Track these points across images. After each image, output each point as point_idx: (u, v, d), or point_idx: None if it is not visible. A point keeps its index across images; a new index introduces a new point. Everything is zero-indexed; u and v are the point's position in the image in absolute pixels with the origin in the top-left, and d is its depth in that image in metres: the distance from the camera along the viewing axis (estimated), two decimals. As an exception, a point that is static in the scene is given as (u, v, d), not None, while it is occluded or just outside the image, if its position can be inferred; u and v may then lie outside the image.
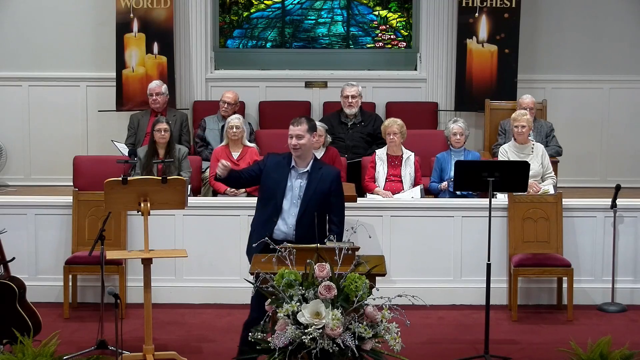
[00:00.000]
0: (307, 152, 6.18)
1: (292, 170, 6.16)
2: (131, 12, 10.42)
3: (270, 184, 6.14)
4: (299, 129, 6.13)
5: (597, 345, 6.39)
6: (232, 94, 9.93)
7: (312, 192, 6.09)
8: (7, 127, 10.87)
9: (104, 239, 6.77)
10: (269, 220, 6.14)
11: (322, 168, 6.21)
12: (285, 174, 6.13)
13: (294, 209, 6.10)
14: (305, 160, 6.15)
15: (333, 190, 6.16)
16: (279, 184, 6.12)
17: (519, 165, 7.22)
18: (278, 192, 6.11)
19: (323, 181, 6.12)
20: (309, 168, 6.16)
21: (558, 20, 10.87)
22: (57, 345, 6.47)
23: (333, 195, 6.17)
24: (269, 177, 6.15)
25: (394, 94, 10.84)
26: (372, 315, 5.68)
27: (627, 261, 8.25)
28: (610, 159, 11.00)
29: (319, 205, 6.10)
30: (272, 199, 6.12)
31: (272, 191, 6.13)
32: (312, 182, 6.11)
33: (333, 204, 6.18)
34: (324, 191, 6.11)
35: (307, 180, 6.12)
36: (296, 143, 6.10)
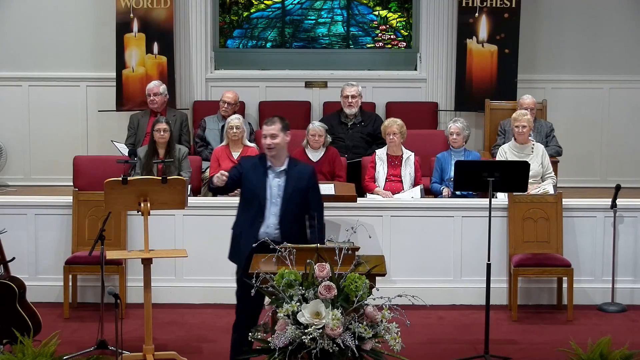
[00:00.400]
0: (282, 151, 6.22)
1: (269, 170, 6.19)
2: (131, 12, 10.42)
3: (250, 186, 6.17)
4: (272, 128, 6.17)
5: (597, 345, 6.39)
6: (232, 93, 9.93)
7: (292, 190, 6.13)
8: (7, 127, 10.87)
9: (104, 239, 6.77)
10: (254, 221, 6.15)
11: (298, 165, 6.28)
12: (263, 175, 6.17)
13: (275, 208, 6.13)
14: (280, 159, 6.20)
15: (310, 187, 6.21)
16: (258, 185, 6.15)
17: (519, 165, 7.22)
18: (260, 193, 6.14)
19: (300, 178, 6.17)
20: (286, 166, 6.21)
21: (558, 20, 10.87)
22: (57, 345, 6.47)
23: (311, 191, 6.21)
24: (248, 180, 6.18)
25: (394, 94, 10.84)
26: (372, 315, 5.68)
27: (627, 261, 8.25)
28: (610, 159, 11.00)
29: (298, 203, 6.14)
30: (254, 200, 6.14)
31: (253, 193, 6.15)
32: (290, 180, 6.15)
33: (311, 200, 6.21)
34: (302, 188, 6.15)
35: (285, 178, 6.17)
36: (270, 142, 6.13)
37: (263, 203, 6.12)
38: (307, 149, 8.97)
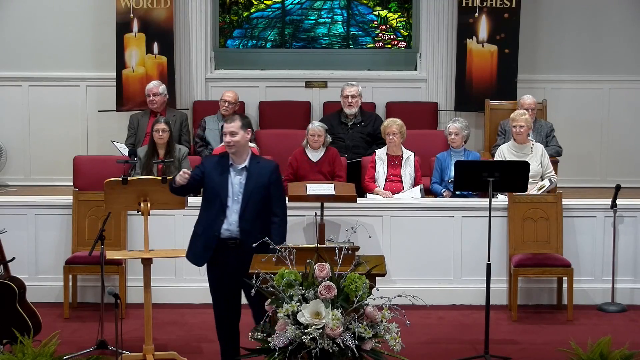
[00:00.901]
0: (243, 148, 6.17)
1: (230, 168, 6.17)
2: (131, 12, 10.42)
3: (212, 184, 6.15)
4: (232, 125, 6.13)
5: (597, 345, 6.39)
6: (232, 93, 9.92)
7: (252, 187, 6.10)
8: (7, 127, 10.88)
9: (104, 239, 6.77)
10: (216, 219, 6.12)
11: (260, 162, 6.24)
12: (225, 173, 6.15)
13: (236, 205, 6.11)
14: (241, 157, 6.17)
15: (272, 182, 6.18)
16: (220, 183, 6.13)
17: (518, 165, 7.22)
18: (221, 191, 6.12)
19: (261, 175, 6.14)
20: (247, 163, 6.17)
21: (558, 20, 10.87)
22: (57, 345, 6.47)
23: (272, 186, 6.18)
24: (210, 178, 6.15)
25: (394, 94, 10.84)
26: (372, 315, 5.68)
27: (627, 261, 8.25)
28: (610, 159, 11.00)
29: (260, 199, 6.12)
30: (216, 199, 6.12)
31: (215, 191, 6.13)
32: (251, 177, 6.13)
33: (273, 196, 6.18)
34: (264, 184, 6.13)
35: (246, 175, 6.14)
36: (230, 140, 6.11)
37: (224, 201, 6.10)
38: (307, 149, 8.97)
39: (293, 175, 8.89)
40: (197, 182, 6.23)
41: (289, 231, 8.06)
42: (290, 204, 7.95)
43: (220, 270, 6.17)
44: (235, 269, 6.08)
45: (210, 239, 6.12)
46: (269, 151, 9.66)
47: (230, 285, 6.16)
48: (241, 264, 6.01)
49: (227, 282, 6.16)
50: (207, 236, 6.14)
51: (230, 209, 6.12)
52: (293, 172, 8.91)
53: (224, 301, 6.23)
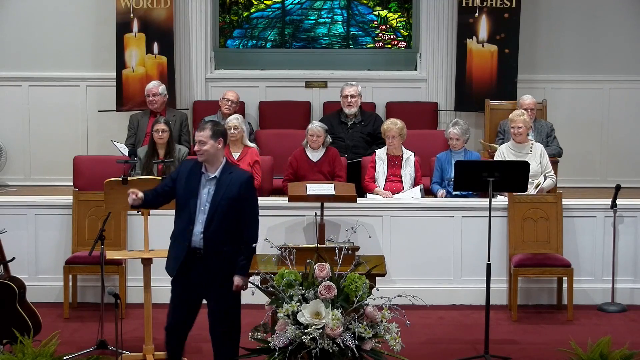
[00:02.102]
0: (213, 157, 5.95)
1: (202, 176, 5.98)
2: (131, 12, 10.42)
3: (182, 192, 5.98)
4: (201, 134, 5.93)
5: (597, 345, 6.39)
6: (234, 92, 9.93)
7: (220, 198, 5.87)
8: (7, 127, 10.88)
9: (104, 239, 6.76)
10: (185, 228, 5.94)
11: (233, 173, 5.98)
12: (197, 181, 5.95)
13: (202, 215, 5.90)
14: (214, 166, 5.95)
15: (242, 194, 5.91)
16: (190, 192, 5.94)
17: (518, 165, 7.22)
18: (190, 201, 5.93)
19: (231, 186, 5.90)
20: (217, 173, 5.94)
21: (558, 20, 10.87)
22: (57, 345, 6.47)
23: (243, 199, 5.92)
24: (181, 186, 5.98)
25: (394, 94, 10.84)
26: (372, 315, 5.68)
27: (627, 261, 8.25)
28: (610, 159, 11.00)
29: (227, 211, 5.88)
30: (186, 208, 5.94)
31: (185, 200, 5.95)
32: (220, 188, 5.90)
33: (243, 207, 5.92)
34: (233, 196, 5.88)
35: (216, 185, 5.92)
36: (199, 149, 5.92)
37: (193, 210, 5.91)
38: (307, 149, 8.97)
39: (293, 175, 8.89)
40: (168, 192, 6.06)
41: (290, 231, 8.13)
42: (290, 204, 7.99)
43: (184, 280, 5.97)
44: (197, 280, 5.92)
45: (181, 249, 5.94)
46: (269, 151, 9.66)
47: (191, 297, 6.00)
48: (203, 277, 5.90)
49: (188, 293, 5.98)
50: (177, 246, 5.97)
51: (197, 219, 5.91)
52: (293, 172, 8.92)
53: (180, 312, 6.04)
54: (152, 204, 6.16)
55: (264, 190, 9.01)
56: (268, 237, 6.55)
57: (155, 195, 6.11)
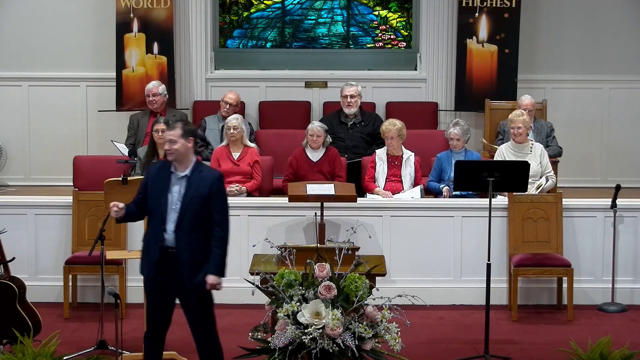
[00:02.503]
0: (184, 156, 5.93)
1: (172, 175, 5.96)
2: (131, 12, 10.42)
3: (153, 193, 5.95)
4: (172, 133, 5.91)
5: (597, 345, 6.39)
6: (234, 94, 9.92)
7: (191, 197, 5.86)
8: (7, 127, 10.88)
9: (104, 239, 6.76)
10: (158, 229, 5.91)
11: (203, 171, 5.98)
12: (167, 181, 5.94)
13: (173, 214, 5.88)
14: (183, 165, 5.94)
15: (213, 193, 5.90)
16: (161, 192, 5.92)
17: (519, 165, 7.22)
18: (161, 201, 5.91)
19: (202, 184, 5.89)
20: (188, 172, 5.93)
21: (558, 20, 10.87)
22: (57, 345, 6.48)
23: (214, 197, 5.91)
24: (152, 187, 5.96)
25: (394, 94, 10.84)
26: (372, 315, 5.68)
27: (627, 261, 8.25)
28: (610, 159, 11.00)
29: (198, 210, 5.87)
30: (157, 209, 5.92)
31: (156, 200, 5.93)
32: (191, 186, 5.89)
33: (214, 206, 5.91)
34: (204, 195, 5.87)
35: (186, 184, 5.91)
36: (169, 148, 5.91)
37: (164, 210, 5.88)
38: (307, 149, 8.97)
39: (293, 175, 8.89)
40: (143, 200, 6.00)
41: (290, 231, 8.13)
42: (290, 204, 7.99)
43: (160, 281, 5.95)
44: (171, 280, 5.91)
45: (155, 250, 5.90)
46: (269, 151, 9.66)
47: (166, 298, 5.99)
48: (176, 276, 5.88)
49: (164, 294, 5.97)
50: (151, 247, 5.94)
51: (168, 218, 5.89)
52: (293, 172, 8.91)
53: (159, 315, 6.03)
54: (136, 216, 6.09)
55: (264, 190, 9.01)
56: (268, 237, 6.55)
57: (136, 206, 6.04)
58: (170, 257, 5.86)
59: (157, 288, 5.96)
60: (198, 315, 5.96)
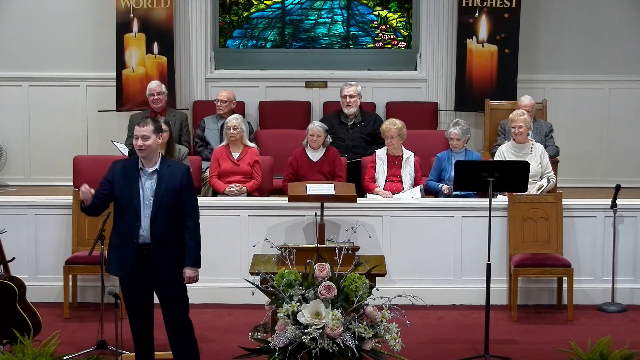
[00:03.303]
0: (153, 152, 6.02)
1: (140, 172, 6.00)
2: (131, 12, 10.42)
3: (122, 192, 5.98)
4: (144, 129, 5.97)
5: (597, 345, 6.39)
6: (227, 92, 9.92)
7: (164, 191, 5.94)
8: (7, 127, 10.88)
9: (104, 239, 6.76)
10: (132, 226, 5.94)
11: (171, 166, 6.08)
12: (135, 178, 5.98)
13: (147, 210, 5.93)
14: (152, 160, 6.00)
15: (184, 185, 6.00)
16: (131, 189, 5.96)
17: (519, 165, 7.22)
18: (134, 197, 5.94)
19: (173, 178, 5.97)
20: (157, 167, 6.01)
21: (558, 20, 10.87)
22: (57, 345, 6.47)
23: (185, 189, 6.00)
24: (120, 185, 5.98)
25: (394, 94, 10.84)
26: (372, 315, 5.68)
27: (627, 261, 8.25)
28: (610, 159, 11.00)
29: (171, 203, 5.94)
30: (129, 206, 5.94)
31: (127, 198, 5.95)
32: (162, 181, 5.96)
33: (185, 199, 5.99)
34: (175, 188, 5.95)
35: (157, 179, 5.98)
36: (142, 144, 5.95)
37: (138, 206, 5.93)
38: (307, 149, 8.97)
39: (293, 175, 8.89)
40: (108, 195, 6.03)
41: (290, 231, 8.13)
42: (290, 204, 7.99)
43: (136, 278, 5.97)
44: (147, 276, 5.95)
45: (130, 247, 5.93)
46: (269, 151, 9.66)
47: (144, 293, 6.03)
48: (154, 271, 5.92)
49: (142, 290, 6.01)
50: (124, 245, 5.95)
51: (142, 214, 5.93)
52: (293, 172, 8.91)
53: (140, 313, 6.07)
54: (98, 209, 6.09)
55: (264, 190, 9.01)
56: (268, 237, 6.55)
57: (99, 200, 6.03)
58: (145, 253, 5.91)
59: (134, 284, 6.00)
60: (174, 310, 6.03)
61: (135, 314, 6.09)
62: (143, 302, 6.07)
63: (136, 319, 6.10)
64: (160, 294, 6.04)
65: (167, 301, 6.02)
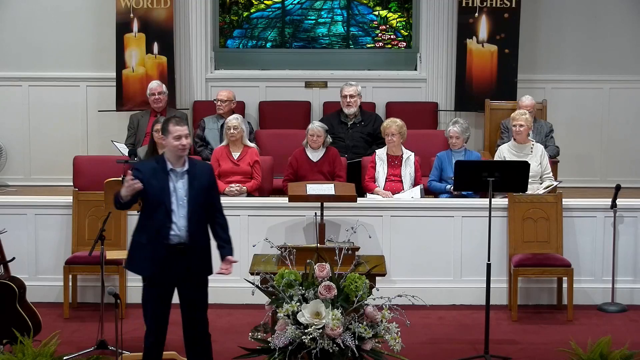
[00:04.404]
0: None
1: (170, 172, 5.97)
2: (131, 12, 10.42)
3: (154, 192, 5.93)
4: (185, 129, 5.95)
5: (597, 345, 6.39)
6: (226, 91, 9.91)
7: (196, 190, 5.96)
8: (7, 127, 10.88)
9: (104, 239, 6.77)
10: (163, 227, 5.92)
11: (197, 164, 6.13)
12: (166, 178, 5.95)
13: (182, 210, 5.94)
14: (181, 160, 6.00)
15: (212, 183, 6.09)
16: (163, 189, 5.93)
17: (519, 165, 7.22)
18: (165, 197, 5.92)
19: (201, 177, 6.01)
20: (187, 167, 6.01)
21: (558, 20, 10.87)
22: (57, 345, 6.47)
23: (212, 188, 6.09)
24: (151, 186, 5.93)
25: (394, 94, 10.84)
26: (372, 315, 5.68)
27: (627, 261, 8.25)
28: (610, 159, 11.00)
29: (203, 202, 5.99)
30: (160, 206, 5.92)
31: (158, 198, 5.92)
32: (193, 180, 5.98)
33: (214, 196, 6.09)
34: (205, 186, 6.01)
35: (188, 179, 5.99)
36: (185, 143, 5.95)
37: (169, 207, 5.91)
38: (307, 149, 8.97)
39: (293, 175, 8.89)
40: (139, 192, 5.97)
41: (290, 231, 8.14)
42: (290, 204, 8.00)
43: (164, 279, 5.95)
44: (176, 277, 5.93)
45: (159, 247, 5.90)
46: (269, 151, 9.66)
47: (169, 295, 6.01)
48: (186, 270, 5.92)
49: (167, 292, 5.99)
50: (154, 245, 5.92)
51: (176, 214, 5.92)
52: (293, 172, 8.92)
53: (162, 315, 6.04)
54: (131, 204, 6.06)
55: (264, 190, 9.01)
56: (268, 237, 6.55)
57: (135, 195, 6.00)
58: (178, 252, 5.88)
59: (161, 285, 5.97)
60: (199, 310, 6.02)
61: (156, 314, 6.02)
62: (165, 302, 6.02)
63: (156, 320, 6.03)
64: (186, 293, 6.00)
65: (193, 300, 6.00)
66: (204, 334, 6.09)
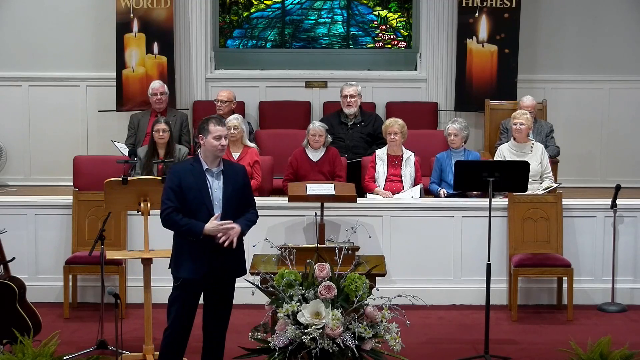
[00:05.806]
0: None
1: (206, 173, 5.98)
2: (131, 12, 10.42)
3: (193, 193, 5.94)
4: (225, 129, 6.01)
5: (597, 345, 6.39)
6: (227, 92, 9.91)
7: (231, 190, 5.98)
8: (7, 127, 10.88)
9: (104, 239, 6.77)
10: None
11: (231, 164, 6.14)
12: (203, 179, 5.95)
13: (218, 210, 5.95)
14: (217, 161, 6.02)
15: (246, 182, 6.11)
16: (201, 190, 5.94)
17: (519, 165, 7.22)
18: (205, 199, 5.92)
19: (236, 177, 6.03)
20: (223, 167, 6.03)
21: (558, 20, 10.87)
22: (57, 345, 6.48)
23: (247, 186, 6.12)
24: (189, 188, 5.93)
25: (394, 94, 10.85)
26: (372, 315, 5.68)
27: (627, 261, 8.25)
28: (610, 159, 11.00)
29: (237, 201, 6.00)
30: (202, 207, 5.92)
31: (198, 199, 5.92)
32: (228, 180, 5.99)
33: (247, 194, 6.10)
34: (239, 185, 6.02)
35: (223, 179, 6.00)
36: (225, 143, 5.98)
37: (210, 207, 5.93)
38: (308, 149, 8.97)
39: (293, 175, 8.89)
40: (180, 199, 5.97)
41: (290, 231, 8.14)
42: (290, 204, 8.00)
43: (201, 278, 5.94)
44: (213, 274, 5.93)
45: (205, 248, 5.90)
46: (269, 151, 9.66)
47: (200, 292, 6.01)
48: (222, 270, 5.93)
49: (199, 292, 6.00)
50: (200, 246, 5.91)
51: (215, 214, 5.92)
52: (293, 172, 8.92)
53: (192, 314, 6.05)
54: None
55: (264, 190, 9.01)
56: (268, 237, 6.55)
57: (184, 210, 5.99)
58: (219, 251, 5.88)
59: (200, 286, 5.97)
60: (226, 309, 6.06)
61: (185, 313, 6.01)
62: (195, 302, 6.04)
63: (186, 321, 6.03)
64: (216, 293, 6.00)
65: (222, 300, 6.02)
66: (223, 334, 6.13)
